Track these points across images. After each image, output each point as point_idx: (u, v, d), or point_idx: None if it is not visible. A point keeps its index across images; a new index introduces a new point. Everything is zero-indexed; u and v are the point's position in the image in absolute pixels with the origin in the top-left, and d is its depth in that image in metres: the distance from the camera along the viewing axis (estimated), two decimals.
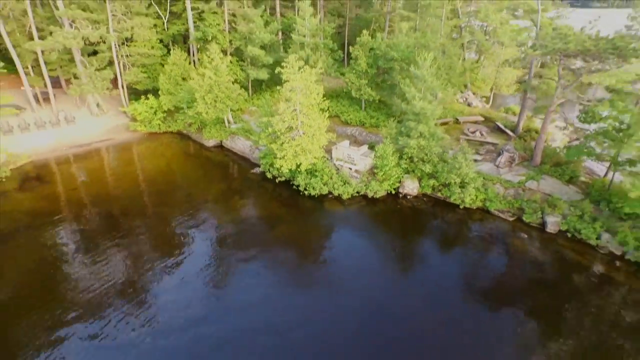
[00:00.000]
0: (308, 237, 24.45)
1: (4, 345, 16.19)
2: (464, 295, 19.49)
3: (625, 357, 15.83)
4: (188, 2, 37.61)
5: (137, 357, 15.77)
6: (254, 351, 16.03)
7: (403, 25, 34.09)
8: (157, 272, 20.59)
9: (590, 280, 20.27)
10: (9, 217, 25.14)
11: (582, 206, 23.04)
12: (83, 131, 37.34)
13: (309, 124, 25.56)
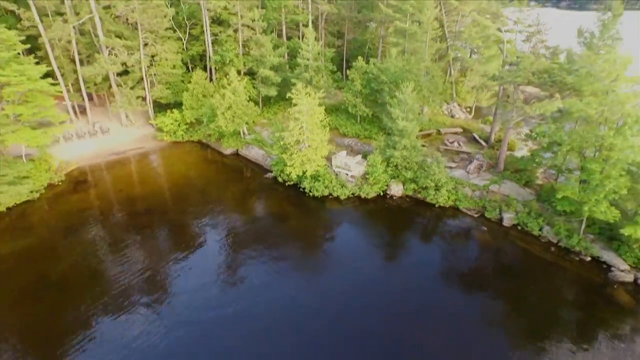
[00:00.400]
0: (312, 230, 30.74)
1: (67, 298, 22.52)
2: (435, 273, 25.82)
3: (562, 322, 22.02)
4: (207, 29, 43.80)
5: (169, 325, 22.09)
6: (269, 314, 22.36)
7: (393, 50, 40.20)
8: (185, 255, 26.97)
9: (532, 263, 26.48)
10: (71, 214, 31.43)
11: (531, 205, 29.28)
12: (117, 140, 43.58)
13: (313, 138, 31.75)
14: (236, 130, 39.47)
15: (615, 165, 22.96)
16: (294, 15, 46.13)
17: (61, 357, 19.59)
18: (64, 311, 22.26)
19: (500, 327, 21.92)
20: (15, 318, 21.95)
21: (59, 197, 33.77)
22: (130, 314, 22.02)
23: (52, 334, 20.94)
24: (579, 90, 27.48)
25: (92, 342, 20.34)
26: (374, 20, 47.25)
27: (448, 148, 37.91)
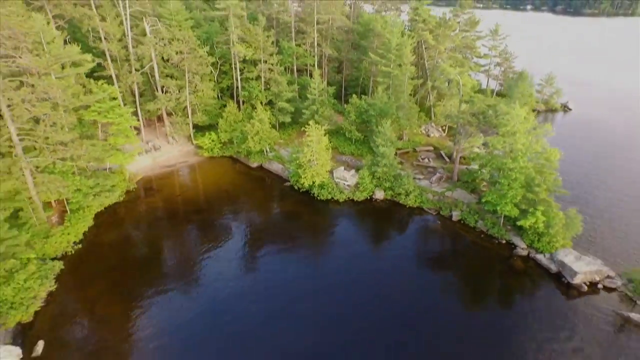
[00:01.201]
0: (319, 224, 44.37)
1: (139, 273, 36.17)
2: (404, 253, 39.42)
3: (483, 280, 35.67)
4: (236, 68, 57.43)
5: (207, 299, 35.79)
6: (283, 291, 36.03)
7: (379, 88, 53.62)
8: (223, 242, 40.60)
9: (468, 245, 40.02)
10: (145, 212, 45.10)
11: (471, 206, 42.88)
12: (167, 156, 57.20)
13: (320, 158, 45.33)
14: (261, 149, 53.07)
15: (515, 180, 36.48)
16: (304, 58, 59.84)
17: (139, 307, 32.73)
18: (141, 279, 35.58)
19: (446, 284, 35.55)
20: (105, 284, 35.03)
21: (135, 200, 47.38)
22: (186, 278, 35.75)
23: (131, 292, 34.07)
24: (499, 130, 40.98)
25: (161, 297, 33.75)
26: (365, 61, 60.68)
27: (420, 163, 51.56)
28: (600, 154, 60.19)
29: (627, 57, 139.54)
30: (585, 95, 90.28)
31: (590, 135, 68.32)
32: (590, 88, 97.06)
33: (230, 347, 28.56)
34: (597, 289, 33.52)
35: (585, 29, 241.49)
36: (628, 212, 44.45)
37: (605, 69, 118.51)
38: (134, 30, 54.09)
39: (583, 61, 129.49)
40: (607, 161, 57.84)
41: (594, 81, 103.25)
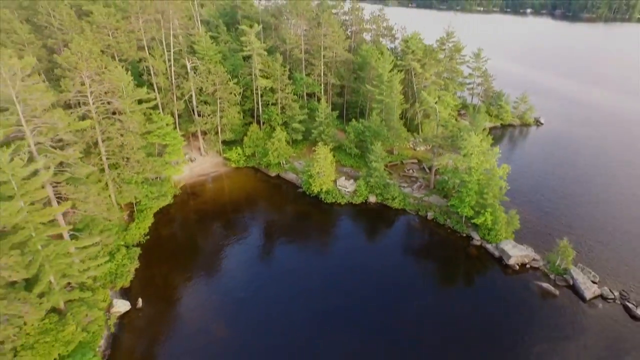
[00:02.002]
0: (325, 222, 58.32)
1: (176, 264, 50.26)
2: (390, 242, 53.39)
3: (446, 264, 49.68)
4: (258, 97, 71.37)
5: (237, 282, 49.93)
6: (297, 279, 50.12)
7: (374, 112, 67.34)
8: (248, 234, 54.68)
9: (438, 238, 53.87)
10: (191, 212, 59.15)
11: (442, 208, 56.72)
12: (201, 166, 71.19)
13: (326, 171, 59.19)
14: (279, 161, 66.99)
15: (470, 190, 50.25)
16: (312, 87, 73.86)
17: (196, 277, 47.07)
18: (193, 259, 49.82)
19: (420, 265, 49.49)
20: (171, 263, 49.37)
21: (182, 202, 61.39)
22: (223, 258, 49.85)
23: (189, 267, 48.45)
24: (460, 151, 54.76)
25: (208, 270, 47.93)
26: (363, 88, 74.47)
27: (405, 174, 65.47)
28: (558, 162, 73.83)
29: (605, 70, 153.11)
30: (557, 110, 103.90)
31: (555, 147, 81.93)
32: (563, 102, 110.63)
33: (258, 306, 42.49)
34: (525, 268, 47.34)
35: (576, 39, 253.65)
36: (567, 210, 58.15)
37: (580, 82, 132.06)
38: (176, 66, 68.19)
39: (564, 75, 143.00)
40: (561, 168, 71.48)
41: (567, 95, 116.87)
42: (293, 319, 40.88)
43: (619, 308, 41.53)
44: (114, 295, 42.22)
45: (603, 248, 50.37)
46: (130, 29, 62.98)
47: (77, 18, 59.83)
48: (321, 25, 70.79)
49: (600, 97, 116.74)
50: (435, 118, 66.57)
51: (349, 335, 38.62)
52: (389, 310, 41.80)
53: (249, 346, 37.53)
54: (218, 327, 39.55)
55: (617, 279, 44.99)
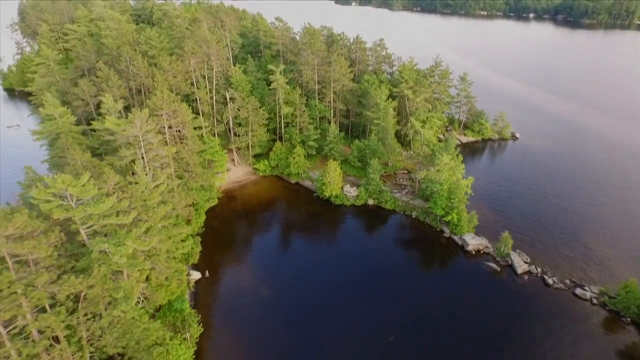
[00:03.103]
0: (333, 219, 77.71)
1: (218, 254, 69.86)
2: (382, 235, 72.73)
3: (423, 252, 68.98)
4: (281, 119, 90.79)
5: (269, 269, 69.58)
6: (312, 267, 69.64)
7: (373, 132, 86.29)
8: (272, 229, 74.27)
9: (418, 232, 73.00)
10: (231, 211, 78.81)
11: (423, 209, 75.81)
12: (235, 174, 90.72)
13: (335, 180, 78.40)
14: (298, 171, 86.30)
15: (442, 195, 69.20)
16: (324, 112, 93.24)
17: (242, 259, 66.57)
18: (238, 246, 69.40)
19: (403, 252, 68.73)
20: (223, 248, 68.99)
21: (223, 204, 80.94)
22: (260, 245, 69.44)
23: (236, 252, 68.06)
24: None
25: (250, 254, 67.44)
26: (364, 112, 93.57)
27: (397, 182, 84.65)
28: (521, 171, 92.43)
29: (588, 88, 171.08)
30: (533, 125, 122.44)
31: (523, 158, 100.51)
32: (541, 118, 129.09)
33: (287, 276, 61.81)
34: (480, 253, 66.27)
35: (570, 51, 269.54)
36: (517, 211, 76.81)
37: (562, 98, 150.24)
38: (217, 96, 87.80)
39: (549, 91, 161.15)
40: (522, 176, 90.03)
41: (547, 111, 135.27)
42: (312, 285, 60.27)
43: (539, 279, 60.40)
44: (189, 268, 61.84)
45: (537, 240, 69.12)
46: (185, 70, 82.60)
47: (148, 65, 79.62)
48: (331, 63, 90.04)
49: (577, 114, 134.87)
50: (419, 139, 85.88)
51: (352, 296, 57.93)
52: (382, 282, 60.96)
53: (282, 302, 56.93)
54: (262, 289, 58.98)
55: (541, 261, 63.82)
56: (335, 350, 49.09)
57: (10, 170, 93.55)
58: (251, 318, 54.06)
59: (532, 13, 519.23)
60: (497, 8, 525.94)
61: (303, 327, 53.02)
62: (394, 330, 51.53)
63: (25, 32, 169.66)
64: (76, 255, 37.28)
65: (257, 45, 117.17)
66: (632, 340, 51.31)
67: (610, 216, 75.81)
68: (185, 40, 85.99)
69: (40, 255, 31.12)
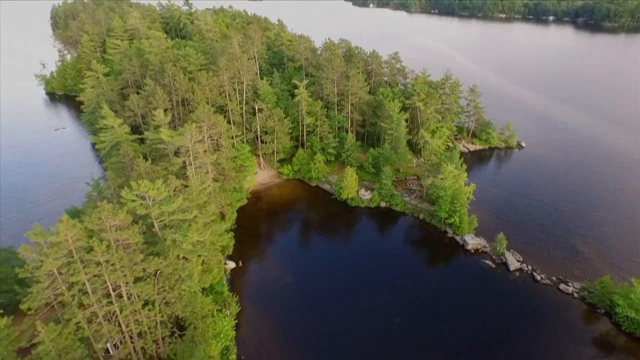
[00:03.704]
0: (349, 219, 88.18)
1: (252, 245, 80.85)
2: (392, 233, 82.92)
3: (428, 248, 78.97)
4: (303, 128, 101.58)
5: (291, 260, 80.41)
6: (327, 262, 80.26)
7: (386, 141, 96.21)
8: (294, 226, 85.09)
9: (425, 232, 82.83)
10: (258, 209, 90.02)
11: (430, 212, 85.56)
12: (261, 177, 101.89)
13: (351, 184, 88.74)
14: (318, 175, 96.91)
15: (446, 200, 78.85)
16: (342, 122, 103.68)
17: (271, 251, 77.45)
18: (266, 240, 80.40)
19: (412, 249, 78.76)
20: (253, 242, 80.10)
21: (252, 203, 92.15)
22: (286, 241, 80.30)
23: (264, 246, 79.03)
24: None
25: (278, 247, 78.33)
26: (378, 122, 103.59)
27: (407, 187, 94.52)
28: (522, 178, 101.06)
29: (601, 96, 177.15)
30: (538, 134, 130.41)
31: (526, 166, 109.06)
32: (546, 127, 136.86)
33: (309, 267, 72.46)
34: (478, 252, 75.71)
35: (586, 59, 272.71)
36: (513, 214, 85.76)
37: (571, 107, 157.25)
38: (246, 107, 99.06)
39: (560, 100, 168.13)
40: (522, 182, 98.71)
41: (555, 120, 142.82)
42: (329, 275, 70.78)
43: (529, 276, 69.62)
44: (225, 258, 73.07)
45: (530, 241, 78.11)
46: (219, 84, 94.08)
47: (188, 80, 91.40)
48: (350, 78, 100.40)
49: (587, 124, 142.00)
50: (428, 148, 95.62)
51: (364, 285, 68.24)
52: (391, 273, 71.08)
53: (304, 288, 67.60)
54: (287, 278, 69.79)
55: (532, 260, 72.93)
56: (348, 327, 59.53)
57: (65, 169, 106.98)
58: (277, 300, 64.91)
59: (551, 16, 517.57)
60: (515, 10, 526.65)
61: (321, 309, 63.49)
62: (400, 313, 61.70)
63: (66, 41, 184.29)
64: (152, 242, 48.56)
65: (280, 57, 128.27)
66: (605, 329, 60.29)
67: (600, 223, 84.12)
68: (219, 57, 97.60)
69: (133, 240, 42.40)
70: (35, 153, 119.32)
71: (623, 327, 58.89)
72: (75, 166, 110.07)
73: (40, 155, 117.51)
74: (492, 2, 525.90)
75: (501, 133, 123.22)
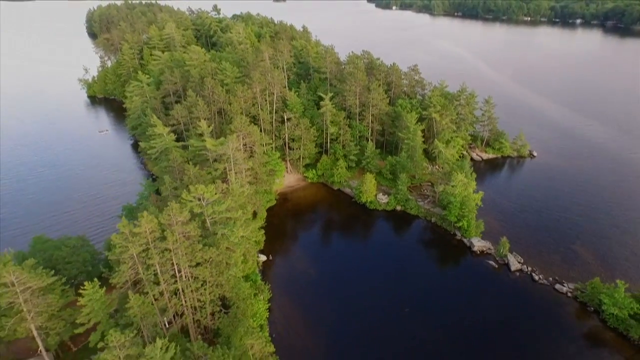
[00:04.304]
0: (368, 220, 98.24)
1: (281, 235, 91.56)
2: (404, 233, 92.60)
3: (438, 247, 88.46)
4: (327, 136, 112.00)
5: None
6: (344, 261, 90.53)
7: (403, 150, 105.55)
8: (316, 225, 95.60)
9: (436, 234, 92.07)
10: (285, 209, 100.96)
11: (441, 216, 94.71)
12: (288, 180, 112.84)
13: (370, 189, 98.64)
14: (340, 180, 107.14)
15: (455, 205, 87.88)
16: (364, 131, 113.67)
17: (298, 247, 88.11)
18: (293, 236, 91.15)
19: (423, 249, 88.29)
20: (300, 239, 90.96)
21: (280, 204, 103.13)
22: (310, 237, 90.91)
23: (293, 241, 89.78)
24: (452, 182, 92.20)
25: (305, 243, 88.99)
26: (397, 131, 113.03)
27: (422, 193, 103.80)
28: (530, 185, 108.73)
29: (617, 109, 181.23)
30: (551, 144, 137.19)
31: (536, 175, 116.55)
32: (560, 137, 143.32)
33: (331, 261, 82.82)
34: (483, 253, 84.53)
35: (612, 69, 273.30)
36: (519, 220, 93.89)
37: (582, 117, 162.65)
38: (276, 116, 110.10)
39: (577, 110, 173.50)
40: (530, 190, 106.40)
41: (567, 130, 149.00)
42: (348, 269, 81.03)
43: (528, 276, 78.09)
44: (257, 252, 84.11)
45: (532, 245, 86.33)
46: (252, 95, 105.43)
47: (225, 92, 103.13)
48: (371, 90, 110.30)
49: (601, 135, 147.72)
50: (442, 157, 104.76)
51: (379, 279, 78.13)
52: (403, 270, 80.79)
53: (326, 279, 77.97)
54: (311, 271, 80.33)
55: (532, 262, 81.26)
56: (363, 312, 69.60)
57: (112, 169, 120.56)
58: (303, 289, 75.54)
59: (579, 19, 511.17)
60: (541, 13, 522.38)
61: (341, 297, 73.72)
62: (410, 304, 71.42)
63: (108, 49, 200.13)
64: (205, 235, 59.81)
65: (307, 68, 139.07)
66: (593, 324, 68.51)
67: (600, 230, 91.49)
68: (252, 71, 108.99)
69: (193, 233, 53.64)
70: (85, 154, 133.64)
71: (608, 324, 67.00)
72: (120, 166, 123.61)
73: (89, 157, 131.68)
74: (517, 5, 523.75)
75: (514, 142, 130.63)
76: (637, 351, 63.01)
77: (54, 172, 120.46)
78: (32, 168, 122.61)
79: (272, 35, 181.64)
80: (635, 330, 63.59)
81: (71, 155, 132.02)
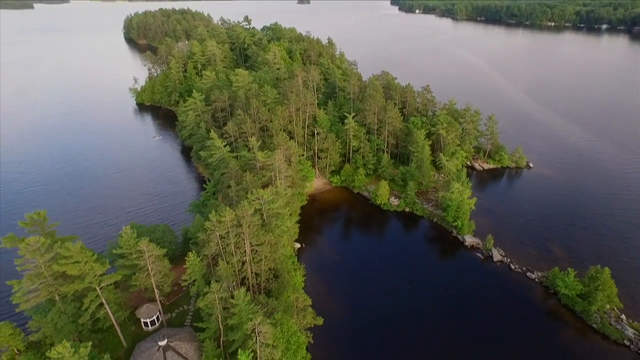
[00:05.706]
0: (382, 219, 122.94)
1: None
2: (411, 231, 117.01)
3: (437, 243, 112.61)
4: (350, 147, 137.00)
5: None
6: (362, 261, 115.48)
7: (413, 161, 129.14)
8: (340, 225, 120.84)
9: (437, 232, 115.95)
10: (315, 209, 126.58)
11: (442, 216, 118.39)
12: (316, 184, 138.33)
13: (384, 193, 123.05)
14: (360, 184, 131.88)
15: (452, 208, 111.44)
16: (380, 145, 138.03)
17: (329, 240, 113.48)
18: (323, 232, 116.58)
19: (425, 245, 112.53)
20: (314, 233, 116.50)
21: (310, 203, 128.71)
22: (336, 234, 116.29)
23: (322, 236, 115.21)
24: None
25: (333, 237, 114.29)
26: (408, 145, 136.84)
27: (427, 197, 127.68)
28: (521, 193, 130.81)
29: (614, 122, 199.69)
30: (549, 157, 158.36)
31: (528, 184, 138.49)
32: (559, 151, 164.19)
33: (353, 252, 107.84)
34: (473, 247, 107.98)
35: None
36: (506, 220, 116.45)
37: (586, 132, 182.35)
38: (307, 130, 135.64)
39: (581, 125, 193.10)
40: (521, 196, 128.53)
41: (567, 145, 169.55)
42: (365, 256, 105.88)
43: (506, 266, 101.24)
44: (294, 241, 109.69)
45: (515, 243, 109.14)
46: (289, 114, 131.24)
47: (267, 111, 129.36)
48: (387, 110, 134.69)
49: (603, 150, 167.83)
50: (446, 169, 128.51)
51: (389, 264, 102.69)
52: (408, 258, 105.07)
53: (348, 262, 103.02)
54: (335, 257, 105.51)
55: (512, 255, 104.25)
56: (376, 289, 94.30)
57: (169, 172, 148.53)
58: (329, 270, 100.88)
59: (605, 24, 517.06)
60: (566, 19, 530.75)
61: (359, 277, 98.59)
62: (411, 282, 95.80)
63: (156, 62, 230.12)
64: (262, 225, 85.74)
65: (333, 87, 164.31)
66: (552, 302, 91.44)
67: (573, 233, 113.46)
68: (288, 93, 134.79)
69: (257, 223, 79.53)
70: (146, 158, 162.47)
71: (562, 302, 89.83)
72: (175, 169, 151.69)
73: (150, 160, 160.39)
74: (541, 10, 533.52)
75: (512, 155, 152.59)
76: (579, 320, 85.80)
77: (126, 175, 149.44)
78: (109, 171, 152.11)
79: (302, 53, 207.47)
80: (579, 305, 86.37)
81: (136, 161, 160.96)
